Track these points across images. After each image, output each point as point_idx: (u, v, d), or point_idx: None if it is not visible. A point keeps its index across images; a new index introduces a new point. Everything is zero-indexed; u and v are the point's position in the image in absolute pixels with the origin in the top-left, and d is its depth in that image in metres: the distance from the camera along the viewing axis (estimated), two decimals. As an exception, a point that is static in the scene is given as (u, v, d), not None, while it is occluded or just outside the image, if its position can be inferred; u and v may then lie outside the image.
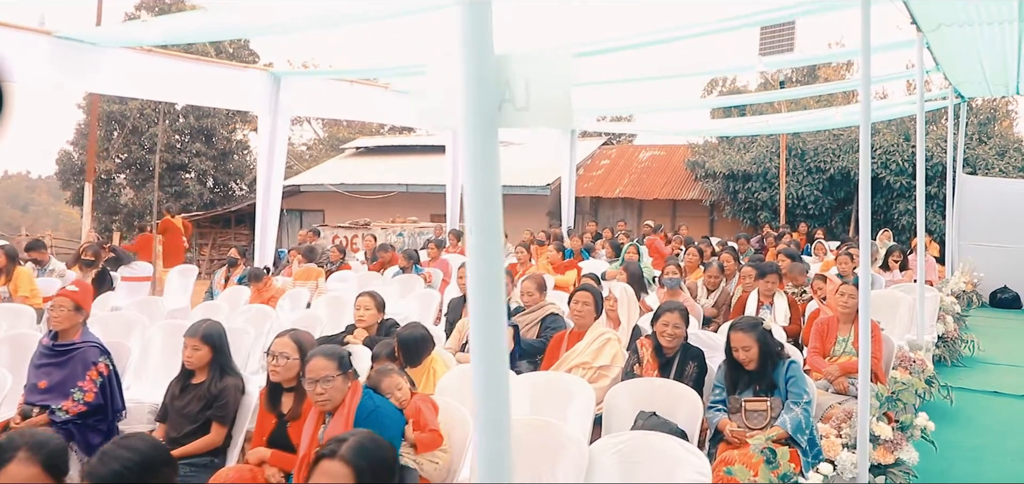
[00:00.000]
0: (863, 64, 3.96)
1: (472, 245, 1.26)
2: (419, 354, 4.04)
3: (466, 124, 1.25)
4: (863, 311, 3.97)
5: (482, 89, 1.22)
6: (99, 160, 29.07)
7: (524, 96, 1.25)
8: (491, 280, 1.25)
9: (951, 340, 7.49)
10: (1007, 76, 9.52)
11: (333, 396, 2.83)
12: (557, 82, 1.23)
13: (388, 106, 10.41)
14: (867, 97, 3.93)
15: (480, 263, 1.25)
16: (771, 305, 5.88)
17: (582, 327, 4.41)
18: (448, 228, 11.77)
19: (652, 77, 9.06)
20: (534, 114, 1.27)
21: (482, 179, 1.25)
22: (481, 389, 1.24)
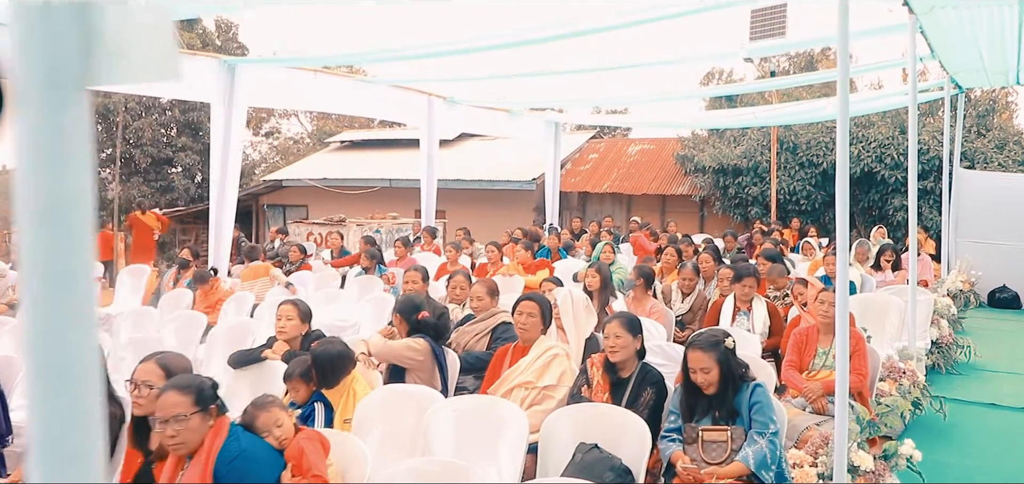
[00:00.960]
0: (840, 49, 3.49)
1: (29, 241, 0.80)
2: (336, 373, 3.57)
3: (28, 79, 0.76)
4: (841, 322, 3.50)
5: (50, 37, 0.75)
6: (85, 155, 28.60)
7: (116, 44, 0.78)
8: (65, 283, 0.80)
9: (946, 346, 7.02)
10: (1006, 64, 9.02)
11: (188, 438, 2.34)
12: (156, 32, 0.78)
13: (358, 97, 9.89)
14: (845, 87, 3.46)
15: (41, 263, 0.80)
16: (749, 311, 5.39)
17: (527, 341, 3.91)
18: (423, 225, 11.27)
19: (637, 64, 8.55)
20: (132, 66, 0.79)
21: (48, 147, 0.79)
22: (40, 426, 0.80)
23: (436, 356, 3.97)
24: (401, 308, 4.05)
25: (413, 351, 3.91)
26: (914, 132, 6.07)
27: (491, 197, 17.74)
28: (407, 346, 3.90)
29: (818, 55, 21.12)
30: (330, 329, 5.74)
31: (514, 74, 9.73)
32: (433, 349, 3.97)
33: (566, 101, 11.40)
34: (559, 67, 9.14)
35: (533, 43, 7.18)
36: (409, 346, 3.91)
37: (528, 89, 11.91)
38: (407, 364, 3.91)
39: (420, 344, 3.94)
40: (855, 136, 13.04)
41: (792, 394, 4.36)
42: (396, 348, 3.88)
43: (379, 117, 10.09)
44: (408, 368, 3.93)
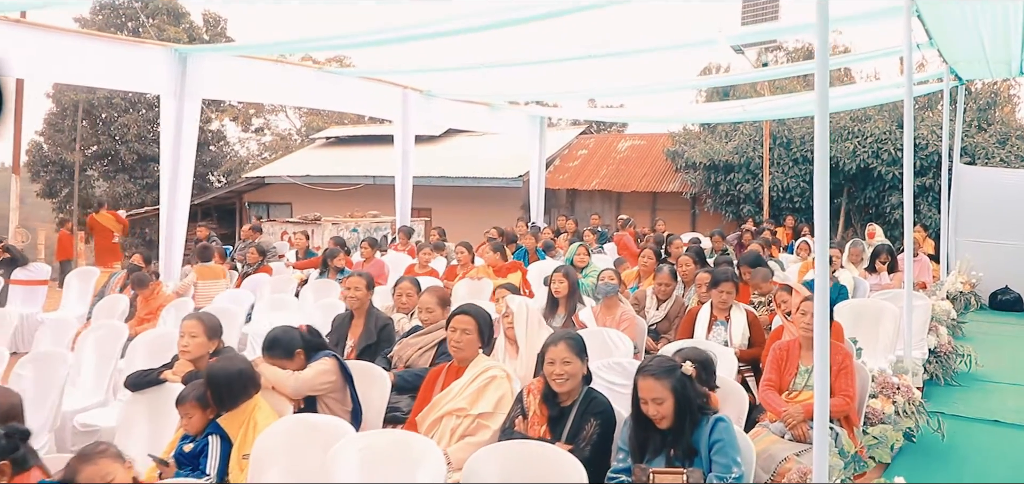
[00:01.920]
0: (819, 36, 2.99)
1: None
2: (235, 395, 3.08)
3: None
4: (820, 338, 3.01)
5: None
6: (67, 151, 28.10)
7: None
8: None
9: (944, 355, 6.50)
10: (1009, 53, 8.50)
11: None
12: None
13: (327, 90, 9.37)
14: (824, 77, 2.96)
15: None
16: (726, 321, 4.88)
17: (462, 361, 3.41)
18: (398, 224, 10.76)
19: (616, 52, 8.02)
20: None
21: None
22: None
23: (344, 373, 3.47)
24: (268, 347, 3.49)
25: (325, 375, 3.41)
26: (910, 125, 5.56)
27: (478, 195, 17.24)
28: (318, 373, 3.40)
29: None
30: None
31: (494, 64, 9.19)
32: (340, 365, 3.47)
33: (548, 93, 10.85)
34: (540, 56, 8.60)
35: (510, 24, 6.65)
36: (320, 372, 3.40)
37: (509, 81, 11.38)
38: (323, 391, 3.41)
39: (329, 364, 3.44)
40: (851, 131, 12.52)
41: (770, 418, 3.86)
42: (309, 380, 3.37)
43: (350, 111, 9.59)
44: (321, 395, 3.43)
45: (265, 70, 8.49)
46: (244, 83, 8.37)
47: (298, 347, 3.51)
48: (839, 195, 13.24)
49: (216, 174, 30.00)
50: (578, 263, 6.78)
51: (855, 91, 10.85)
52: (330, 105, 9.91)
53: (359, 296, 4.60)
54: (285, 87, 8.79)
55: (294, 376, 3.35)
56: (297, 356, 3.47)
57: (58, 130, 28.39)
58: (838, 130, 12.67)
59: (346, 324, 4.63)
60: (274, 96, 9.15)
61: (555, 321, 5.45)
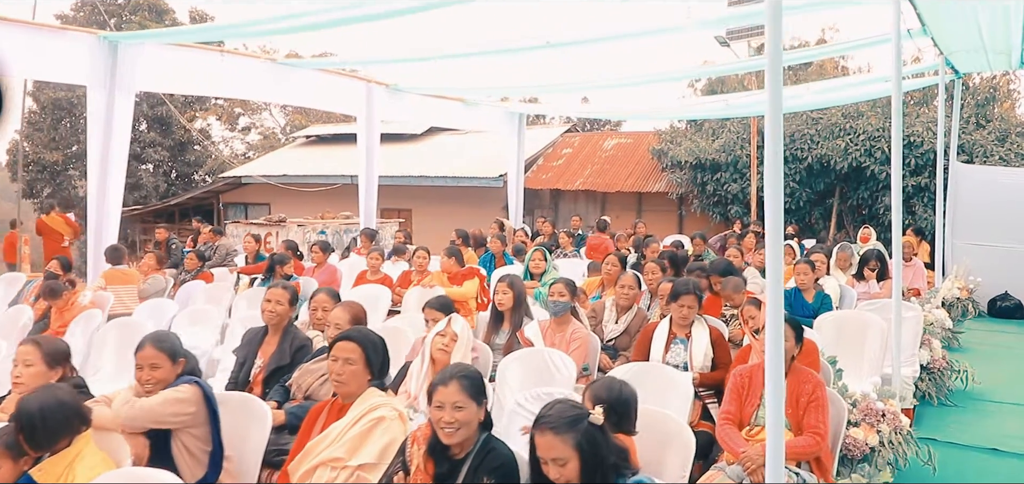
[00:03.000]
0: (769, 23, 2.42)
1: None
2: (50, 436, 2.50)
3: None
4: (772, 361, 2.43)
5: None
6: (47, 151, 27.53)
7: None
8: None
9: (938, 371, 5.91)
10: (1009, 43, 7.91)
11: None
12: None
13: (280, 83, 8.75)
14: (777, 71, 2.39)
15: None
16: (687, 339, 4.28)
17: (346, 397, 2.81)
18: (361, 226, 10.16)
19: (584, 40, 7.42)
20: None
21: None
22: None
23: (209, 405, 2.87)
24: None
25: (178, 404, 2.80)
26: (898, 120, 4.98)
27: (459, 195, 16.64)
28: (167, 400, 2.79)
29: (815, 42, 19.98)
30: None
31: (464, 53, 8.56)
32: (206, 395, 2.87)
33: (524, 88, 10.25)
34: (512, 45, 7.98)
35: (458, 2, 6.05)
36: (170, 400, 2.79)
37: (483, 75, 10.78)
38: (172, 424, 2.81)
39: (186, 393, 2.83)
40: (842, 128, 11.93)
41: (727, 459, 3.27)
42: (152, 408, 2.76)
43: (307, 106, 9.09)
44: (174, 428, 2.82)
45: (210, 61, 7.90)
46: (186, 75, 7.77)
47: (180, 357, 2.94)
48: (831, 196, 12.65)
49: (201, 174, 29.44)
50: (535, 270, 6.19)
51: (841, 85, 10.24)
52: (285, 99, 9.35)
53: (279, 311, 4.00)
54: (233, 79, 8.18)
55: (131, 404, 2.74)
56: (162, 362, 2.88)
57: (38, 129, 27.82)
58: (829, 127, 12.08)
59: (258, 340, 4.04)
60: (220, 88, 8.55)
61: (499, 338, 4.85)
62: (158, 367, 2.83)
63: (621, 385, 2.76)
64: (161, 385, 2.81)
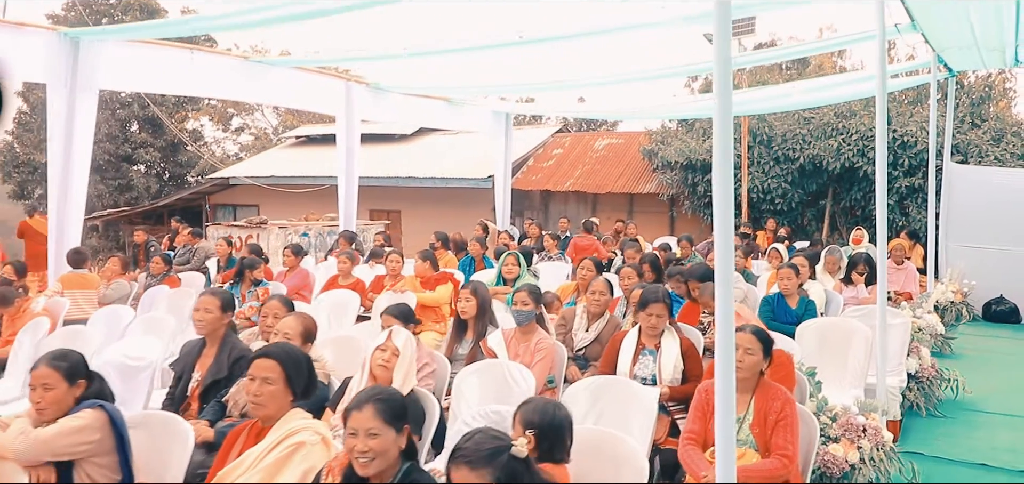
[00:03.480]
0: (718, 20, 2.18)
1: None
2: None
3: None
4: (722, 377, 2.21)
5: None
6: (38, 152, 27.30)
7: None
8: None
9: (927, 380, 5.66)
10: (1002, 40, 7.68)
11: None
12: None
13: (255, 82, 8.50)
14: (726, 71, 2.16)
15: None
16: (656, 350, 4.04)
17: (265, 420, 2.57)
18: (341, 228, 9.92)
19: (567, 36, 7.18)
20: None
21: None
22: None
23: (117, 430, 2.63)
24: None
25: (76, 435, 2.56)
26: (882, 117, 4.74)
27: (449, 196, 16.39)
28: (63, 431, 2.55)
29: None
30: (116, 369, 4.42)
31: (437, 50, 8.31)
32: (112, 419, 2.62)
33: (508, 86, 10.01)
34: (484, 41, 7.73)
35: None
36: (67, 431, 2.55)
37: (468, 73, 10.53)
38: (72, 455, 2.57)
39: (88, 419, 2.59)
40: (835, 128, 11.68)
41: (689, 482, 3.03)
42: (47, 440, 2.52)
43: (284, 105, 8.87)
44: (77, 459, 2.58)
45: (178, 59, 7.65)
46: (153, 73, 7.52)
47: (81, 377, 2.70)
48: (824, 197, 12.40)
49: (193, 175, 29.22)
50: (507, 275, 5.94)
51: (830, 83, 9.98)
52: (261, 98, 9.11)
53: (209, 320, 3.76)
54: (203, 78, 7.93)
55: (25, 435, 2.50)
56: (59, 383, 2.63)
57: (28, 130, 27.59)
58: (821, 127, 11.83)
59: (195, 353, 3.80)
60: (190, 87, 8.31)
61: (461, 347, 4.62)
62: (52, 388, 2.58)
63: (555, 408, 2.52)
64: (55, 407, 2.57)
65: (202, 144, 32.38)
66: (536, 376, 4.14)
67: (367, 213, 18.56)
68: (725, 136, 2.12)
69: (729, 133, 2.15)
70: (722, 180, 2.12)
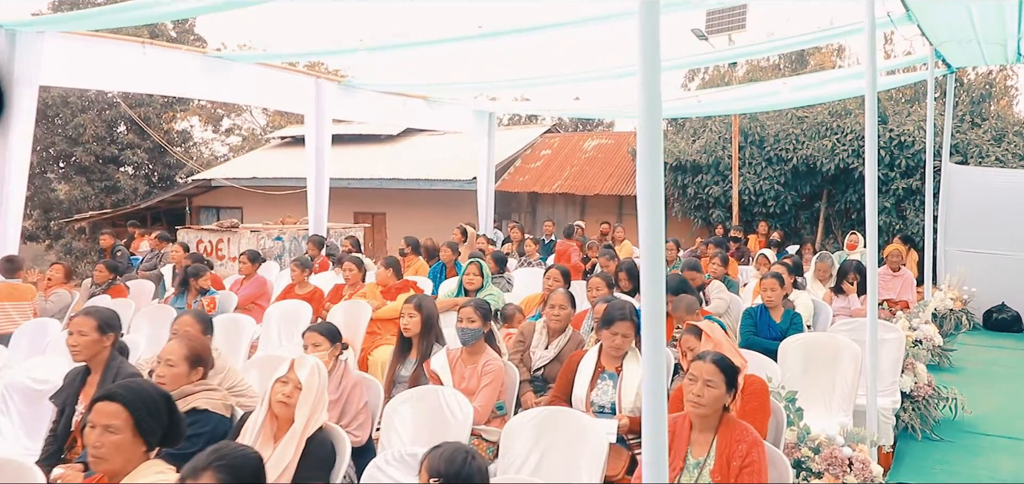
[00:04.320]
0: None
1: None
2: None
3: None
4: (649, 411, 1.79)
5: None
6: (23, 153, 26.88)
7: None
8: None
9: (923, 400, 5.20)
10: (1004, 33, 7.23)
11: None
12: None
13: (214, 78, 8.05)
14: (654, 70, 1.75)
15: None
16: (617, 374, 3.58)
17: (109, 475, 2.12)
18: (311, 232, 9.47)
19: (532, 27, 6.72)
20: None
21: None
22: None
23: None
24: None
25: None
26: (872, 117, 4.28)
27: (436, 198, 15.94)
28: None
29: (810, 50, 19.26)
30: (19, 392, 3.98)
31: (423, 41, 7.81)
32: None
33: (489, 83, 9.54)
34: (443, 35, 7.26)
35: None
36: None
37: (447, 68, 10.07)
38: None
39: None
40: (830, 127, 11.22)
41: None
42: None
43: (248, 103, 8.46)
44: None
45: (129, 53, 7.21)
46: (101, 67, 7.05)
47: None
48: (818, 199, 11.94)
49: (182, 176, 28.81)
50: (469, 285, 5.48)
51: (819, 81, 9.51)
52: (223, 96, 8.64)
53: (84, 344, 3.31)
54: (157, 74, 7.48)
55: None
56: None
57: (12, 131, 27.12)
58: (815, 126, 11.38)
59: (78, 383, 3.34)
60: (144, 83, 7.85)
61: (404, 369, 4.16)
62: None
63: (467, 457, 2.08)
64: None
65: (191, 145, 31.98)
66: (482, 402, 3.69)
67: (352, 215, 18.12)
68: (651, 144, 1.72)
69: (657, 139, 1.76)
70: (649, 188, 1.70)
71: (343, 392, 3.46)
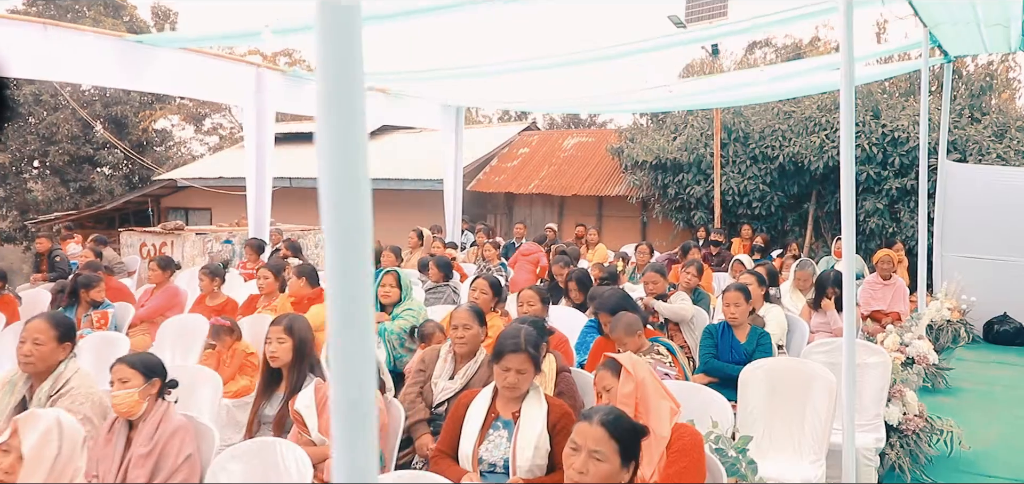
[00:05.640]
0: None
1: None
2: None
3: None
4: None
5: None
6: (-3, 154, 26.25)
7: None
8: None
9: (913, 434, 4.42)
10: (1007, 15, 6.46)
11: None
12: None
13: (130, 65, 7.24)
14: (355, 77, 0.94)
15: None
16: (514, 422, 2.80)
17: None
18: (250, 234, 8.69)
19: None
20: None
21: None
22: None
23: None
24: None
25: None
26: (850, 109, 3.53)
27: (409, 199, 15.14)
28: None
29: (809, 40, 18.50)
30: None
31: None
32: None
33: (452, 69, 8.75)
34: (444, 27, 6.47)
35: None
36: None
37: (411, 58, 9.28)
38: None
39: None
40: (818, 122, 10.44)
41: None
42: None
43: (179, 94, 7.79)
44: None
45: (28, 36, 6.42)
46: (26, 59, 6.26)
47: None
48: (806, 199, 11.16)
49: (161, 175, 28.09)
50: (385, 299, 4.69)
51: (800, 70, 8.70)
52: (147, 86, 7.84)
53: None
54: (64, 59, 6.69)
55: None
56: None
57: None
58: (802, 122, 10.59)
59: None
60: (45, 70, 7.01)
61: (268, 407, 3.39)
62: None
63: None
64: None
65: (171, 145, 31.22)
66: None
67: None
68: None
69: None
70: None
71: (157, 443, 2.69)
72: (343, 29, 1.01)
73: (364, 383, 1.05)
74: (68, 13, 27.18)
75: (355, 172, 1.03)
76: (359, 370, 1.05)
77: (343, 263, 1.04)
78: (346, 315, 1.04)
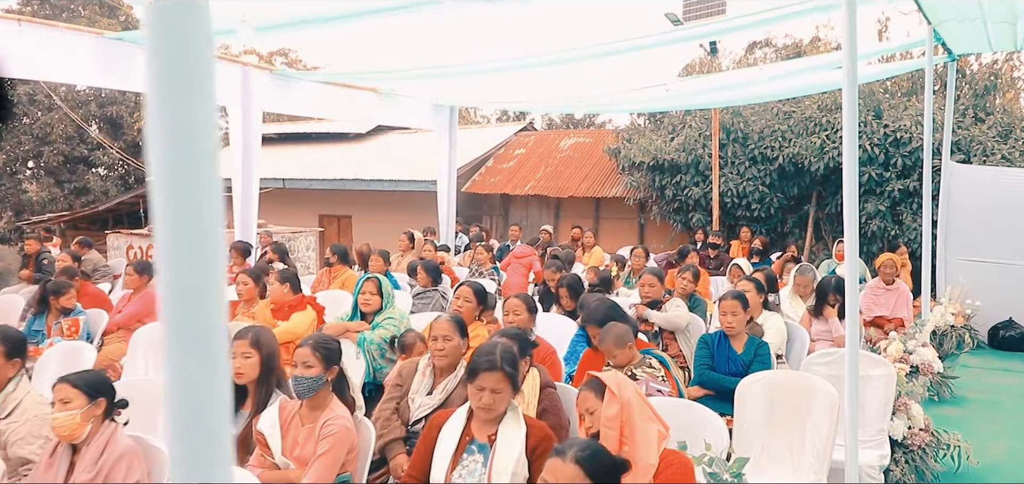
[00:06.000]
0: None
1: None
2: None
3: None
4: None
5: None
6: (-9, 155, 26.10)
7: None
8: None
9: (919, 450, 4.20)
10: (1014, 11, 6.25)
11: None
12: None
13: (104, 63, 7.01)
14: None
15: None
16: (490, 445, 2.59)
17: None
18: (236, 237, 8.48)
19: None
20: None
21: None
22: None
23: None
24: None
25: None
26: (853, 110, 3.31)
27: (403, 200, 14.94)
28: None
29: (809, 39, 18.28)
30: None
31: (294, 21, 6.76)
32: None
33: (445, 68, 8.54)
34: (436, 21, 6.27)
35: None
36: None
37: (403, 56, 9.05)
38: None
39: None
40: (818, 123, 10.23)
41: None
42: None
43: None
44: None
45: (3, 31, 6.22)
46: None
47: None
48: (807, 201, 10.94)
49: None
50: (365, 307, 4.48)
51: (799, 68, 8.47)
52: (127, 85, 7.60)
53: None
54: (41, 57, 6.48)
55: None
56: None
57: None
58: (803, 122, 10.38)
59: None
60: (22, 68, 6.78)
61: (236, 421, 3.17)
62: None
63: None
64: None
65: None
66: (317, 475, 2.70)
67: (317, 218, 17.14)
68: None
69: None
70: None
71: (102, 470, 2.47)
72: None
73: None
74: (63, 13, 27.09)
75: (193, 163, 0.82)
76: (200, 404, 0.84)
77: (177, 277, 0.83)
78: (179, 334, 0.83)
